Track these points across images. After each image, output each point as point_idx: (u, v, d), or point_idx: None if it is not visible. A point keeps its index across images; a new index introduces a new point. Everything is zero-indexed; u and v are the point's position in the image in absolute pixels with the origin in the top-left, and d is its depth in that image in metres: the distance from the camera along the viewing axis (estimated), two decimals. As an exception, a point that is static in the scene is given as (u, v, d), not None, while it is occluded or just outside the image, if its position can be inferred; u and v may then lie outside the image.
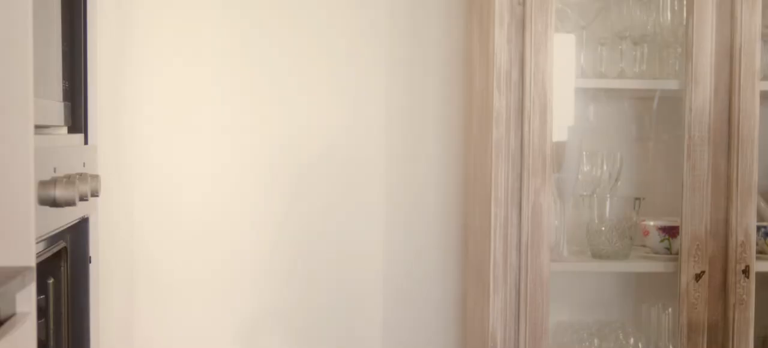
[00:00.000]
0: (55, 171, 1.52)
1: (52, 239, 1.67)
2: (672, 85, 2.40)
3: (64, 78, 1.80)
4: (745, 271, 2.22)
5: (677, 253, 2.29)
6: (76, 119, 1.91)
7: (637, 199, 2.43)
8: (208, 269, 2.51)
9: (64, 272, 1.81)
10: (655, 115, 2.59)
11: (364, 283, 2.56)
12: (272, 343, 2.54)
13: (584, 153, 2.41)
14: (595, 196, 2.42)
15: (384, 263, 2.57)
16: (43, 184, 1.42)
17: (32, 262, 1.34)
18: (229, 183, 2.51)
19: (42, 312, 1.68)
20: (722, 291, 2.24)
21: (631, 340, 2.46)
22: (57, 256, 1.76)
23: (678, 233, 2.28)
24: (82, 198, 1.60)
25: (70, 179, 1.49)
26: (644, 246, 2.48)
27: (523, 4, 2.19)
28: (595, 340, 2.45)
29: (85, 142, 1.94)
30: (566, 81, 2.36)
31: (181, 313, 2.51)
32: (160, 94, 2.48)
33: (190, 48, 2.48)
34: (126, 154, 2.44)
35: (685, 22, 2.26)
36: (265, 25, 2.50)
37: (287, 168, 2.52)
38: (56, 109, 1.73)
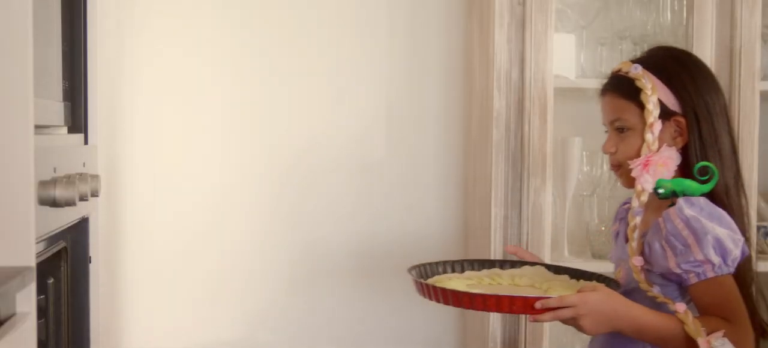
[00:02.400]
0: (55, 171, 1.52)
1: (52, 239, 1.67)
2: (672, 85, 2.40)
3: (64, 78, 1.81)
4: (745, 271, 2.21)
5: (677, 253, 2.29)
6: (76, 119, 1.91)
7: (637, 199, 2.43)
8: (208, 269, 2.51)
9: (64, 272, 1.81)
10: (655, 115, 2.58)
11: (364, 285, 2.56)
12: (272, 342, 2.54)
13: (584, 153, 2.41)
14: (595, 196, 2.42)
15: (383, 262, 2.57)
16: (43, 184, 1.42)
17: (32, 262, 1.34)
18: (229, 183, 2.50)
19: (42, 312, 1.68)
20: (722, 291, 2.24)
21: (631, 340, 2.46)
22: (57, 256, 1.76)
23: (678, 233, 2.27)
24: (82, 198, 1.60)
25: (70, 179, 1.49)
26: (644, 246, 2.47)
27: (523, 4, 2.19)
28: (595, 340, 2.45)
29: (85, 142, 1.94)
30: (566, 81, 2.35)
31: (181, 312, 2.51)
32: (160, 95, 2.47)
33: (190, 48, 2.48)
34: (126, 154, 2.44)
35: (685, 22, 2.26)
36: (266, 26, 2.50)
37: (287, 168, 2.52)
38: (56, 109, 1.73)
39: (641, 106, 1.76)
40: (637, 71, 1.78)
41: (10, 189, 1.31)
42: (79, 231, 1.90)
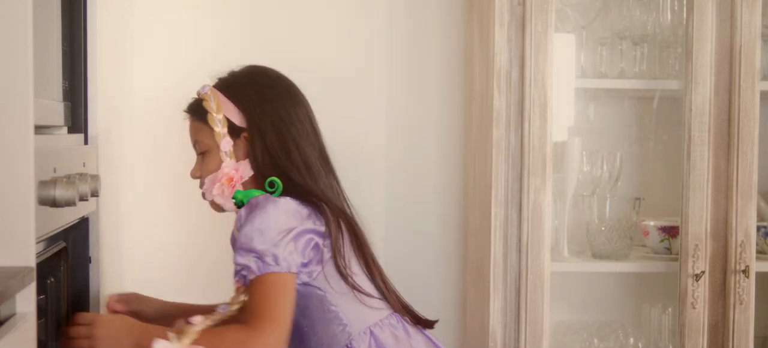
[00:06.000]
0: (55, 171, 1.53)
1: (52, 239, 1.67)
2: (672, 85, 2.40)
3: (64, 78, 1.81)
4: (745, 271, 2.22)
5: (677, 253, 2.29)
6: (76, 119, 1.91)
7: (637, 199, 2.43)
8: (208, 269, 2.51)
9: (64, 272, 1.81)
10: (655, 115, 2.59)
11: (364, 283, 2.56)
12: (272, 343, 2.53)
13: (584, 153, 2.41)
14: (595, 196, 2.42)
15: (384, 263, 2.56)
16: (43, 184, 1.42)
17: (32, 262, 1.34)
18: (229, 183, 2.50)
19: (42, 312, 1.68)
20: (722, 291, 2.24)
21: (631, 340, 2.46)
22: (57, 256, 1.76)
23: (678, 233, 2.28)
24: (82, 198, 1.60)
25: (70, 179, 1.49)
26: (644, 246, 2.48)
27: (523, 4, 2.19)
28: (595, 340, 2.45)
29: (85, 142, 1.94)
30: (566, 81, 2.36)
31: (181, 313, 2.50)
32: (161, 94, 2.47)
33: (190, 48, 2.48)
34: (126, 154, 2.44)
35: (685, 22, 2.26)
36: (266, 30, 2.50)
37: (287, 168, 2.52)
38: (56, 109, 1.73)
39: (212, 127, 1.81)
40: (204, 92, 1.85)
41: (10, 189, 1.31)
42: (79, 231, 1.90)
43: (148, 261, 2.49)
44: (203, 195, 1.88)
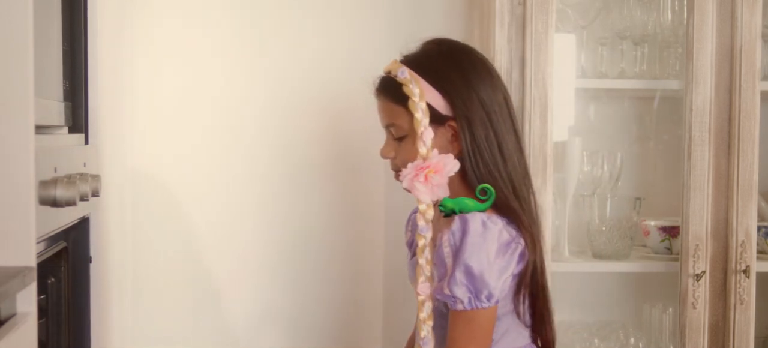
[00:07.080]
0: (55, 171, 1.53)
1: (53, 239, 1.68)
2: (672, 85, 2.40)
3: (64, 78, 1.81)
4: (746, 271, 2.22)
5: (677, 253, 2.29)
6: (76, 119, 1.91)
7: (637, 199, 2.43)
8: (208, 269, 2.51)
9: (64, 272, 1.81)
10: (655, 115, 2.59)
11: (364, 283, 2.56)
12: (272, 343, 2.54)
13: (584, 153, 2.41)
14: (595, 196, 2.42)
15: (384, 262, 2.57)
16: (43, 184, 1.42)
17: (33, 262, 1.34)
18: (229, 183, 2.50)
19: (43, 312, 1.68)
20: (722, 291, 2.24)
21: (631, 340, 2.46)
22: (57, 256, 1.76)
23: (678, 233, 2.28)
24: (83, 198, 1.60)
25: (70, 179, 1.49)
26: (644, 246, 2.48)
27: (523, 4, 2.19)
28: (595, 340, 2.45)
29: (85, 142, 1.94)
30: (566, 81, 2.35)
31: (181, 312, 2.50)
32: (160, 94, 2.47)
33: (191, 48, 2.48)
34: (126, 154, 2.44)
35: (685, 22, 2.26)
36: (266, 29, 2.50)
37: (288, 168, 2.52)
38: (56, 109, 1.73)
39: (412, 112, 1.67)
40: (403, 76, 1.68)
41: (10, 189, 1.31)
42: (79, 231, 1.90)
43: (148, 261, 2.49)
44: (396, 175, 1.74)
